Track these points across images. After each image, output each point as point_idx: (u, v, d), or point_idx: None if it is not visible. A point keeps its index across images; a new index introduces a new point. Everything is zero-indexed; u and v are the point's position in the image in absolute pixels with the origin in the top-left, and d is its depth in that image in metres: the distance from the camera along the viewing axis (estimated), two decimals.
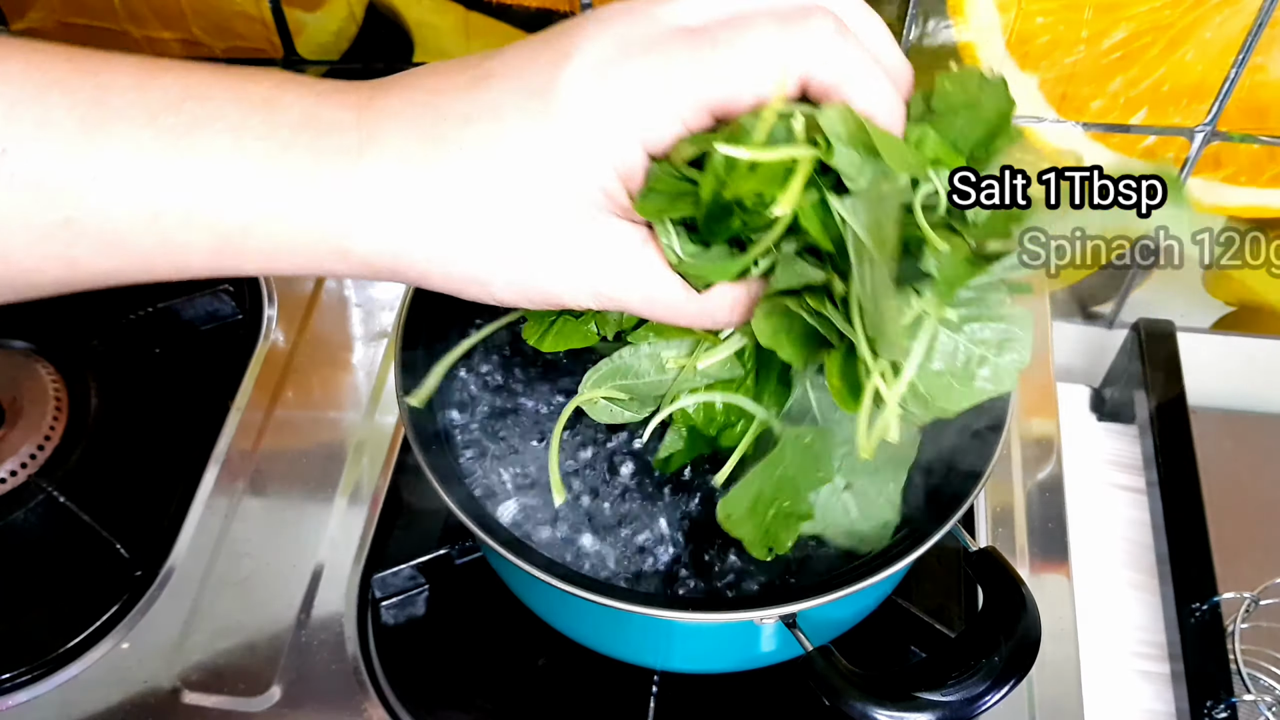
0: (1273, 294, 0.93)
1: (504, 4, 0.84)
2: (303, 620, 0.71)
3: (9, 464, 0.76)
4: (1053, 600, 0.73)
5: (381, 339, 0.86)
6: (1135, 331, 0.88)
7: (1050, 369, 0.84)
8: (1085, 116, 0.83)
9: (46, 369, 0.82)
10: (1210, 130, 0.82)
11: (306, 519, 0.76)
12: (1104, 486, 0.88)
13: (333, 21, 0.88)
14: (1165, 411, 0.84)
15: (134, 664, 0.70)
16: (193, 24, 0.89)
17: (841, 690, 0.51)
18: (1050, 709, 0.68)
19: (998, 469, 0.65)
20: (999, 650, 0.52)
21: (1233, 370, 0.98)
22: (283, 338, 0.86)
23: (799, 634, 0.54)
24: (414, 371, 0.63)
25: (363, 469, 0.78)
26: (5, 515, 0.75)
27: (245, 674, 0.69)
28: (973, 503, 0.57)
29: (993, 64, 0.81)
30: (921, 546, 0.55)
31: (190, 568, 0.73)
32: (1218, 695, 0.71)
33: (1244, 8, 0.74)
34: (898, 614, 0.69)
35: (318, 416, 0.82)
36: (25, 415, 0.79)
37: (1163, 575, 0.79)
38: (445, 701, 0.70)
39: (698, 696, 0.69)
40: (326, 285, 0.89)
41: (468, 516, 0.57)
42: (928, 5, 0.78)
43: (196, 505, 0.76)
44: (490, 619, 0.72)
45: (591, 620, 0.63)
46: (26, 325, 0.85)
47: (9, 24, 0.92)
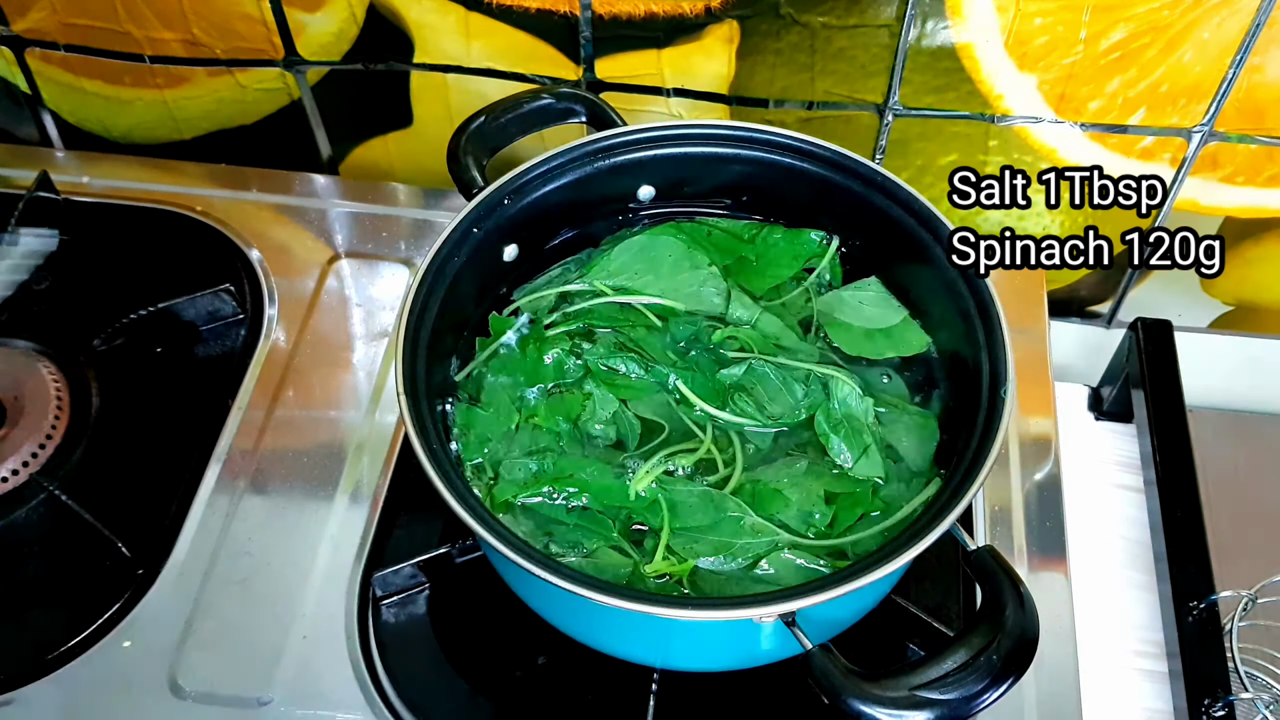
0: (1271, 293, 0.94)
1: (504, 4, 0.84)
2: (303, 619, 0.71)
3: (10, 463, 0.77)
4: (1051, 599, 0.73)
5: (381, 339, 0.86)
6: (1133, 330, 0.89)
7: (1048, 368, 0.84)
8: (1083, 117, 0.83)
9: (48, 368, 0.82)
10: (1208, 130, 0.82)
11: (307, 518, 0.76)
12: (1102, 485, 0.88)
13: (333, 22, 0.88)
14: (1163, 410, 0.84)
15: (134, 663, 0.70)
16: (193, 24, 0.89)
17: (841, 688, 0.52)
18: (1048, 707, 0.68)
19: (996, 468, 0.65)
20: (997, 649, 0.52)
21: (1231, 369, 0.98)
22: (283, 337, 0.86)
23: (798, 632, 0.54)
24: (415, 370, 0.64)
25: (363, 468, 0.78)
26: (6, 514, 0.75)
27: (246, 673, 0.69)
28: (971, 502, 0.57)
29: (991, 64, 0.81)
30: (920, 545, 0.55)
31: (191, 567, 0.74)
32: (1215, 693, 0.71)
33: (1242, 9, 0.75)
34: (897, 612, 0.69)
35: (318, 416, 0.82)
36: (26, 414, 0.79)
37: (1160, 574, 0.79)
38: (445, 700, 0.70)
39: (697, 695, 0.69)
40: (327, 285, 0.89)
41: (468, 514, 0.57)
42: (926, 6, 0.78)
43: (197, 504, 0.76)
44: (490, 618, 0.73)
45: (591, 618, 0.64)
46: (28, 325, 0.85)
47: (10, 24, 0.92)
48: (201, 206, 0.93)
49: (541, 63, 0.87)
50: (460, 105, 0.91)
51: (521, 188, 0.72)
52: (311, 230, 0.92)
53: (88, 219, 0.93)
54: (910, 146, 0.88)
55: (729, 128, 0.74)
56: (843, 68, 0.83)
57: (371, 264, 0.91)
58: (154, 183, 0.95)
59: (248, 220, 0.92)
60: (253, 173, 0.96)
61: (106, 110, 0.97)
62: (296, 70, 0.92)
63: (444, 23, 0.87)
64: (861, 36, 0.81)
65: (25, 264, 0.86)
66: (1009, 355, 0.63)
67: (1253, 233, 0.89)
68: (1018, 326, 0.68)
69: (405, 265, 0.90)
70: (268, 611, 0.72)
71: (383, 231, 0.92)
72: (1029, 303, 0.88)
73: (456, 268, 0.68)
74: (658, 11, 0.82)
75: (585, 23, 0.84)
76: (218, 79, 0.93)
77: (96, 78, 0.94)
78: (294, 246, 0.91)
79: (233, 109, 0.96)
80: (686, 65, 0.85)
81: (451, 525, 0.75)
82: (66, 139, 1.00)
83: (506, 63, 0.88)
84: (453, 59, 0.89)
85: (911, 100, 0.84)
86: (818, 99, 0.86)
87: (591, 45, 0.85)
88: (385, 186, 0.96)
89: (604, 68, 0.87)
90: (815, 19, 0.81)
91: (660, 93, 0.88)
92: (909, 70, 0.82)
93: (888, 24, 0.80)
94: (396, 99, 0.93)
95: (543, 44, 0.86)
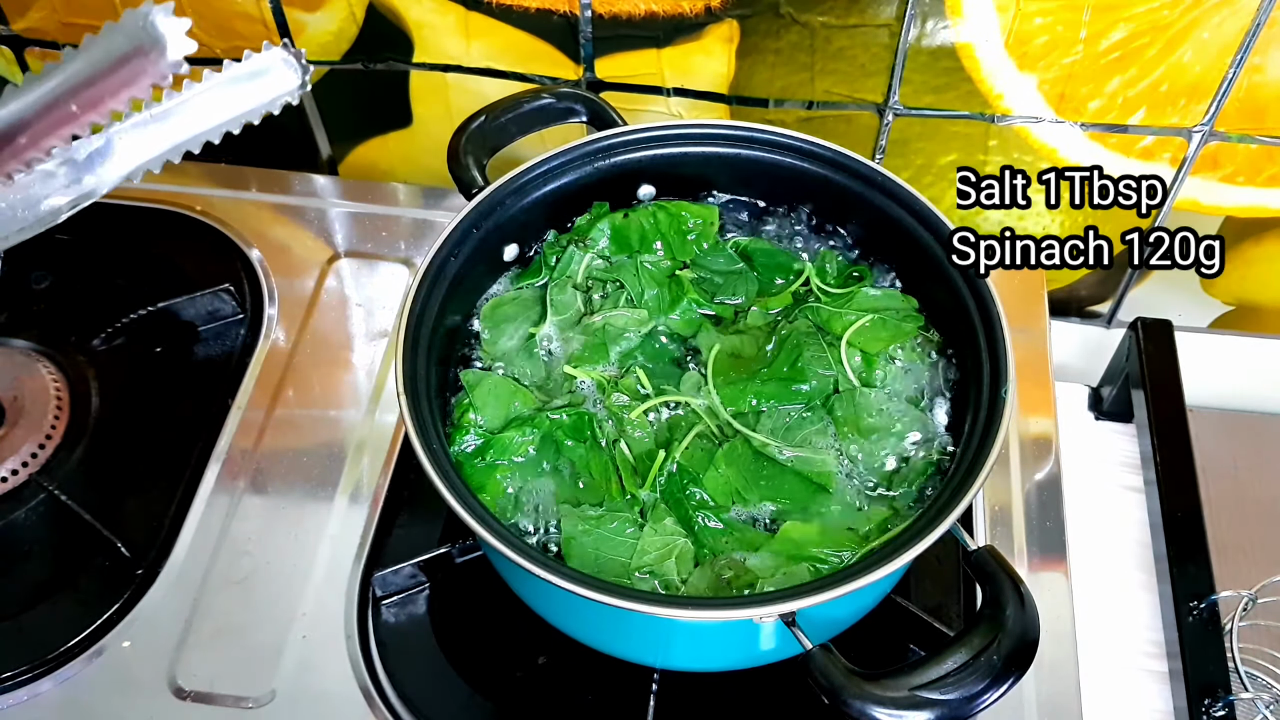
0: (1271, 293, 0.94)
1: (504, 4, 0.84)
2: (303, 618, 0.71)
3: (10, 463, 0.77)
4: (1051, 599, 0.73)
5: (381, 339, 0.86)
6: (1133, 330, 0.89)
7: (1048, 368, 0.84)
8: (1083, 117, 0.83)
9: (47, 368, 0.82)
10: (1208, 130, 0.82)
11: (307, 518, 0.76)
12: (1102, 485, 0.88)
13: (333, 22, 0.88)
14: (1163, 410, 0.84)
15: (134, 663, 0.70)
16: (193, 24, 0.89)
17: (841, 688, 0.52)
18: (1049, 707, 0.68)
19: (996, 468, 0.65)
20: (998, 649, 0.52)
21: (1231, 369, 0.98)
22: (283, 337, 0.86)
23: (798, 632, 0.54)
24: (415, 370, 0.64)
25: (363, 468, 0.78)
26: (6, 514, 0.75)
27: (245, 673, 0.69)
28: (971, 502, 0.57)
29: (991, 64, 0.81)
30: (920, 545, 0.55)
31: (191, 566, 0.74)
32: (1216, 693, 0.71)
33: (1242, 8, 0.75)
34: (897, 612, 0.69)
35: (318, 415, 0.82)
36: (26, 414, 0.79)
37: (1161, 574, 0.79)
38: (445, 700, 0.70)
39: (697, 695, 0.69)
40: (327, 285, 0.89)
41: (469, 514, 0.57)
42: (926, 5, 0.78)
43: (197, 504, 0.76)
44: (490, 617, 0.73)
45: (591, 618, 0.63)
46: (28, 325, 0.85)
47: (10, 24, 0.92)
48: (201, 206, 0.93)
49: (541, 62, 0.87)
50: (460, 105, 0.91)
51: (521, 188, 0.72)
52: (311, 230, 0.92)
53: (88, 219, 0.92)
54: (910, 146, 0.88)
55: (729, 128, 0.74)
56: (843, 67, 0.83)
57: (371, 264, 0.91)
58: (154, 182, 0.94)
59: (248, 220, 0.92)
60: (252, 172, 0.96)
61: None
62: None
63: (444, 22, 0.87)
64: (861, 36, 0.81)
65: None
66: (1009, 355, 0.63)
67: (1253, 233, 0.89)
68: (1018, 326, 0.68)
69: (405, 265, 0.90)
70: (267, 611, 0.72)
71: (383, 231, 0.92)
72: (1029, 303, 0.88)
73: (456, 268, 0.68)
74: (658, 11, 0.82)
75: (585, 22, 0.84)
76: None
77: None
78: (294, 246, 0.91)
79: None
80: (686, 65, 0.85)
81: (451, 525, 0.75)
82: None
83: (506, 62, 0.88)
84: (453, 59, 0.89)
85: (911, 100, 0.84)
86: (818, 99, 0.86)
87: (591, 45, 0.85)
88: (385, 186, 0.96)
89: (604, 67, 0.87)
90: (815, 19, 0.81)
91: (660, 92, 0.88)
92: (909, 70, 0.82)
93: (888, 24, 0.80)
94: (396, 99, 0.93)
95: (543, 44, 0.86)
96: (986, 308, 0.65)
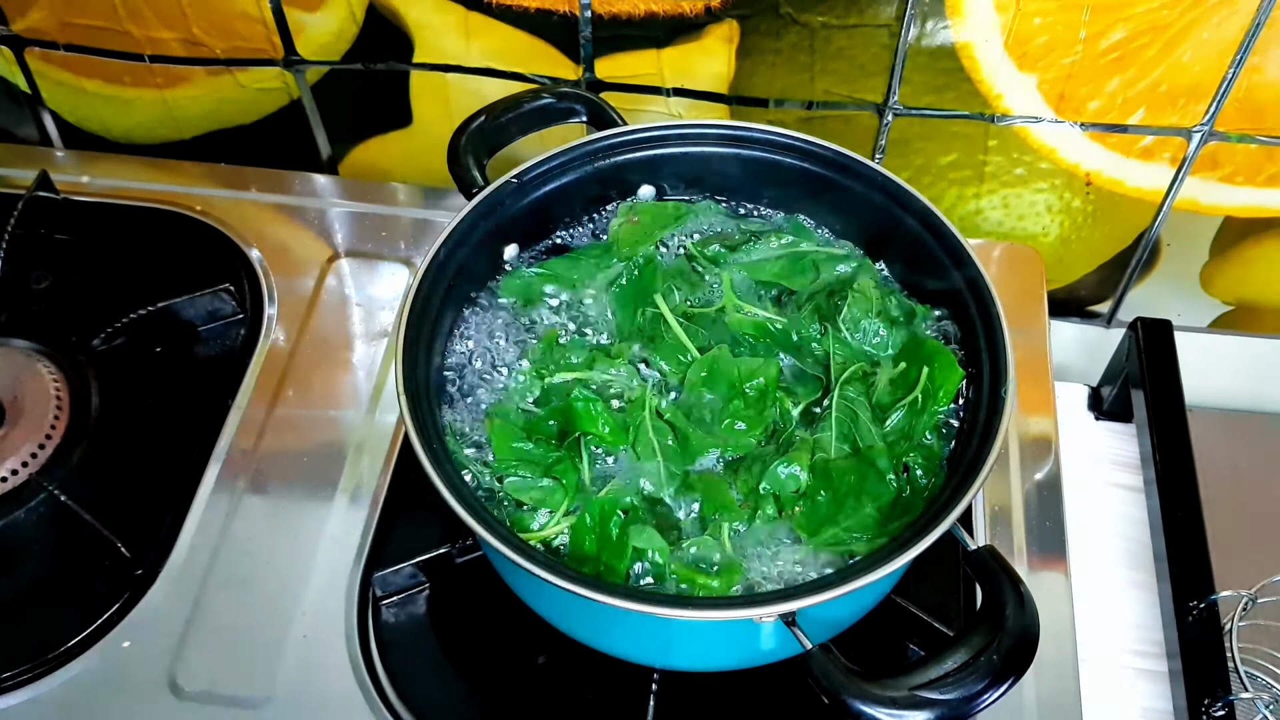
0: (1271, 293, 0.94)
1: (504, 4, 0.84)
2: (303, 618, 0.71)
3: (10, 463, 0.77)
4: (1051, 598, 0.73)
5: (381, 339, 0.86)
6: (1133, 330, 0.89)
7: (1048, 368, 0.84)
8: (1083, 117, 0.83)
9: (47, 368, 0.82)
10: (1208, 130, 0.82)
11: (307, 518, 0.76)
12: (1102, 485, 0.88)
13: (333, 22, 0.88)
14: (1163, 410, 0.84)
15: (134, 663, 0.70)
16: (193, 24, 0.89)
17: (841, 688, 0.52)
18: (1049, 707, 0.68)
19: (996, 468, 0.65)
20: (997, 649, 0.52)
21: (1230, 369, 0.98)
22: (283, 337, 0.86)
23: (798, 632, 0.54)
24: (415, 370, 0.64)
25: (363, 468, 0.78)
26: (6, 514, 0.75)
27: (245, 673, 0.69)
28: (971, 502, 0.57)
29: (991, 64, 0.81)
30: (920, 545, 0.55)
31: (191, 567, 0.74)
32: (1215, 693, 0.71)
33: (1241, 8, 0.75)
34: (897, 612, 0.69)
35: (318, 415, 0.82)
36: (26, 414, 0.79)
37: (1160, 573, 0.79)
38: (445, 700, 0.70)
39: (697, 695, 0.69)
40: (327, 285, 0.89)
41: (469, 514, 0.57)
42: (926, 5, 0.78)
43: (197, 504, 0.76)
44: (490, 618, 0.73)
45: (591, 618, 0.64)
46: (27, 325, 0.85)
47: (10, 24, 0.92)
48: (201, 206, 0.93)
49: (541, 62, 0.87)
50: (460, 105, 0.91)
51: (521, 187, 0.72)
52: (311, 230, 0.92)
53: (88, 219, 0.93)
54: (910, 146, 0.88)
55: (729, 128, 0.74)
56: (842, 67, 0.83)
57: (371, 264, 0.91)
58: (154, 182, 0.95)
59: (247, 220, 0.92)
60: (252, 172, 0.96)
61: (106, 110, 0.97)
62: (296, 70, 0.92)
63: (444, 22, 0.87)
64: (861, 36, 0.81)
65: None
66: (1009, 355, 0.63)
67: (1253, 232, 0.89)
68: (1018, 326, 0.68)
69: (405, 265, 0.90)
70: (267, 612, 0.72)
71: (382, 231, 0.92)
72: (1029, 303, 0.88)
73: (456, 268, 0.68)
74: (658, 11, 0.82)
75: (585, 22, 0.84)
76: (217, 78, 0.93)
77: (96, 77, 0.94)
78: (294, 246, 0.91)
79: (232, 109, 0.96)
80: (686, 65, 0.85)
81: (451, 525, 0.75)
82: (66, 138, 1.00)
83: (506, 62, 0.88)
84: (452, 59, 0.89)
85: (911, 100, 0.84)
86: (818, 99, 0.86)
87: (591, 45, 0.85)
88: (385, 186, 0.96)
89: (604, 67, 0.87)
90: (815, 19, 0.81)
91: (660, 92, 0.88)
92: (909, 70, 0.82)
93: (887, 24, 0.80)
94: (396, 99, 0.93)
95: (542, 44, 0.86)
96: (986, 307, 0.65)
